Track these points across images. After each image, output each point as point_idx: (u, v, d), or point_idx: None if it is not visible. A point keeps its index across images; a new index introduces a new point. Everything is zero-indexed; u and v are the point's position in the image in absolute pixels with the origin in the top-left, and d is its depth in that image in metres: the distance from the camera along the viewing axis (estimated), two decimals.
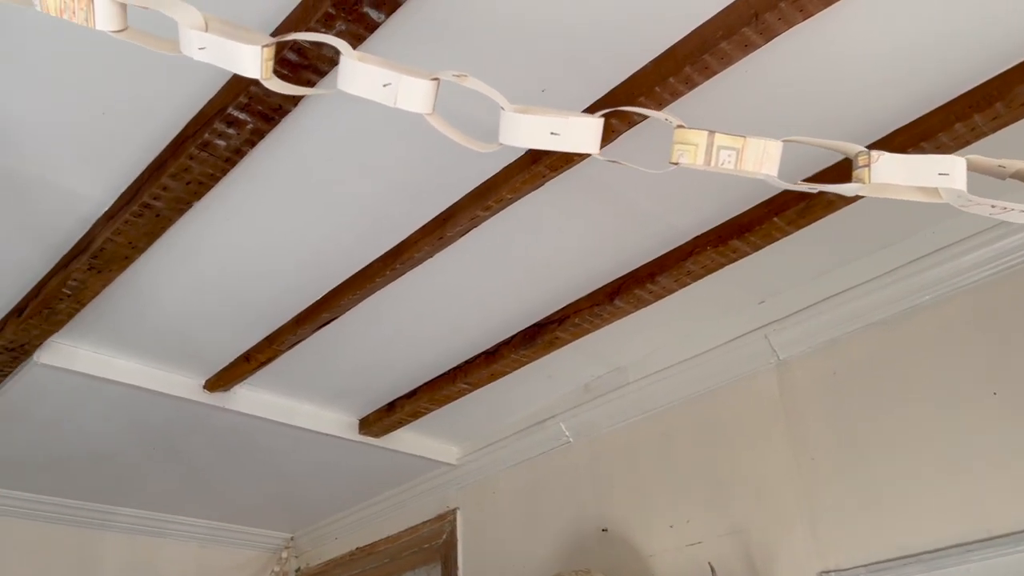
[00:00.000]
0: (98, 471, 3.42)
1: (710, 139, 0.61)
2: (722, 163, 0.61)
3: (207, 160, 1.89)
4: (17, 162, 1.98)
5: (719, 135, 0.61)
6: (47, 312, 2.37)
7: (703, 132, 0.61)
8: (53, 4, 0.69)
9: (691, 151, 0.62)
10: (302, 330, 2.62)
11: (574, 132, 0.61)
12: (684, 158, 0.63)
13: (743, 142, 0.61)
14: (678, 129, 0.61)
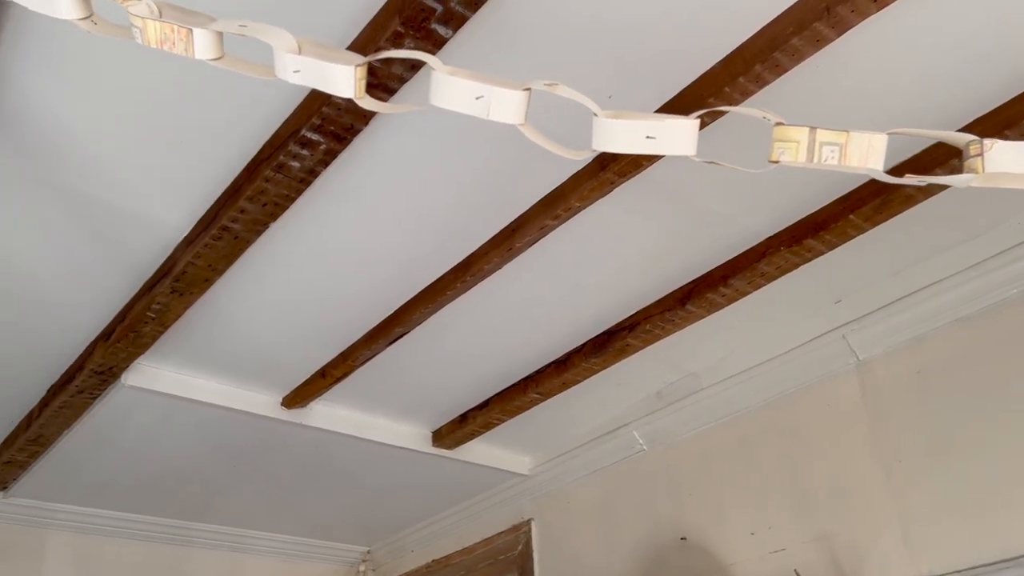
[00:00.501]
0: (183, 489, 3.51)
1: (811, 135, 0.60)
2: (825, 159, 0.60)
3: (282, 182, 1.93)
4: (102, 192, 2.06)
5: (821, 131, 0.59)
6: (133, 335, 2.45)
7: (804, 128, 0.60)
8: (154, 36, 0.72)
9: (792, 148, 0.61)
10: (375, 345, 2.65)
11: (670, 134, 0.60)
12: (785, 156, 0.61)
13: (846, 137, 0.59)
14: (777, 127, 0.60)
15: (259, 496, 3.67)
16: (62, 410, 2.80)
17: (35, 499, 3.41)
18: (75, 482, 3.32)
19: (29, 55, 1.69)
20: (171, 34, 0.72)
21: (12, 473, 3.22)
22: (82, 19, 0.76)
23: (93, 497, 3.47)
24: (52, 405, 2.79)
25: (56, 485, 3.33)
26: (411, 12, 1.54)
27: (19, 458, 3.11)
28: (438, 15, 1.55)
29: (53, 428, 2.92)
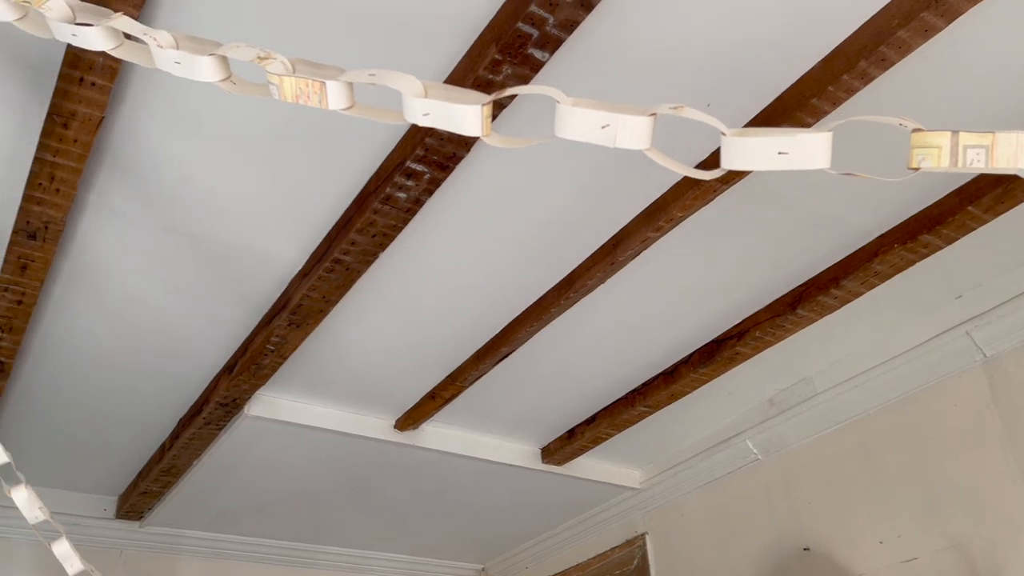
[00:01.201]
0: (304, 512, 3.63)
1: (953, 139, 0.58)
2: (971, 163, 0.58)
3: (389, 213, 1.99)
4: (220, 232, 2.17)
5: (964, 134, 0.58)
6: (254, 368, 2.56)
7: (945, 133, 0.58)
8: (290, 92, 0.77)
9: (934, 154, 0.59)
10: (483, 365, 2.69)
11: (803, 149, 0.60)
12: (926, 162, 0.60)
13: (992, 138, 0.57)
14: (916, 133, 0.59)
15: (376, 517, 3.76)
16: (191, 441, 2.95)
17: (168, 527, 3.59)
18: (205, 509, 3.48)
19: (152, 112, 1.80)
20: (306, 88, 0.76)
21: (147, 503, 3.41)
22: (222, 80, 0.82)
23: (221, 523, 3.62)
24: (182, 437, 2.94)
25: (187, 513, 3.49)
26: (508, 39, 1.57)
27: (153, 488, 3.29)
28: (535, 40, 1.57)
29: (183, 459, 3.08)
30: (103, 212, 2.06)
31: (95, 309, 2.40)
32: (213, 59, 0.80)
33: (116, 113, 1.78)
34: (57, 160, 1.79)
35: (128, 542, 3.51)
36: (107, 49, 0.87)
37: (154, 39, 0.81)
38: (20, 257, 2.04)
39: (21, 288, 2.14)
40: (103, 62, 1.58)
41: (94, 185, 1.97)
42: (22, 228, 1.97)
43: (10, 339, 2.34)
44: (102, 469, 3.29)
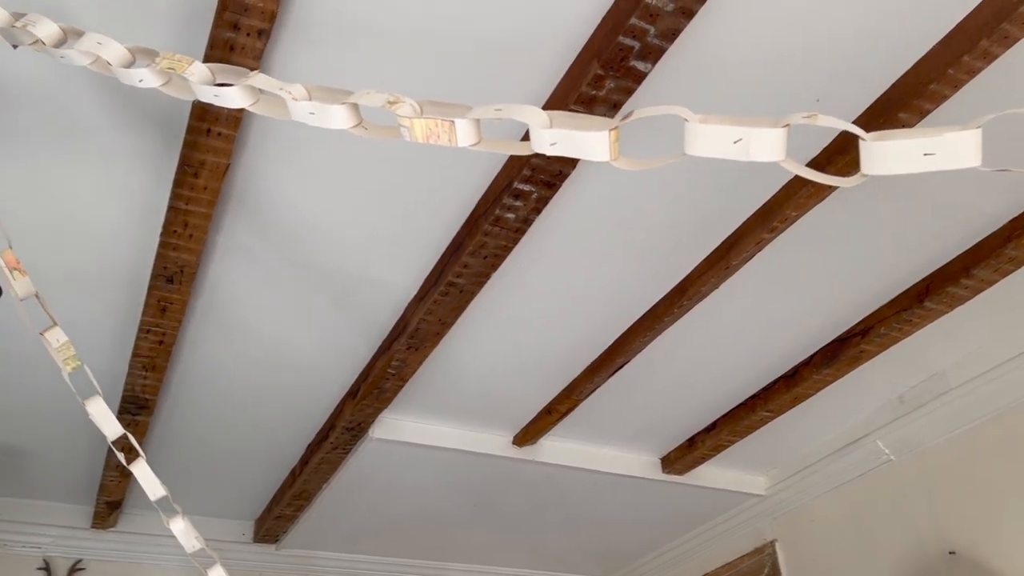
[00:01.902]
0: (429, 530, 3.71)
1: None
2: None
3: (499, 234, 2.02)
4: (339, 263, 2.25)
5: None
6: (377, 392, 2.64)
7: None
8: (420, 133, 0.80)
9: None
10: (598, 378, 2.69)
11: (951, 148, 0.58)
12: None
13: None
14: None
15: (499, 533, 3.79)
16: (320, 466, 3.06)
17: (303, 548, 3.73)
18: (336, 531, 3.59)
19: (271, 154, 1.90)
20: (435, 128, 0.79)
21: (282, 527, 3.55)
22: (354, 127, 0.86)
23: (352, 543, 3.74)
24: (311, 462, 3.05)
25: (319, 535, 3.62)
26: (609, 54, 1.58)
27: (287, 512, 3.43)
28: (636, 52, 1.57)
29: (314, 483, 3.20)
30: (231, 253, 2.17)
31: (227, 345, 2.53)
32: (345, 107, 0.84)
33: (239, 159, 1.88)
34: (189, 207, 1.90)
35: (267, 565, 3.67)
36: (245, 106, 0.92)
37: (289, 93, 0.86)
38: (160, 300, 2.18)
39: (162, 329, 2.28)
40: (228, 113, 1.67)
41: (222, 228, 2.09)
42: (160, 273, 2.10)
43: (153, 377, 2.49)
44: (239, 495, 3.45)
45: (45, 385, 2.35)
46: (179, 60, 0.93)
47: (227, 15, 1.46)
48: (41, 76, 1.69)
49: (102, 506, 3.25)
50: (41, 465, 3.08)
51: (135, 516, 3.42)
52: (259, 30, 1.50)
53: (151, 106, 1.79)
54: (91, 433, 2.89)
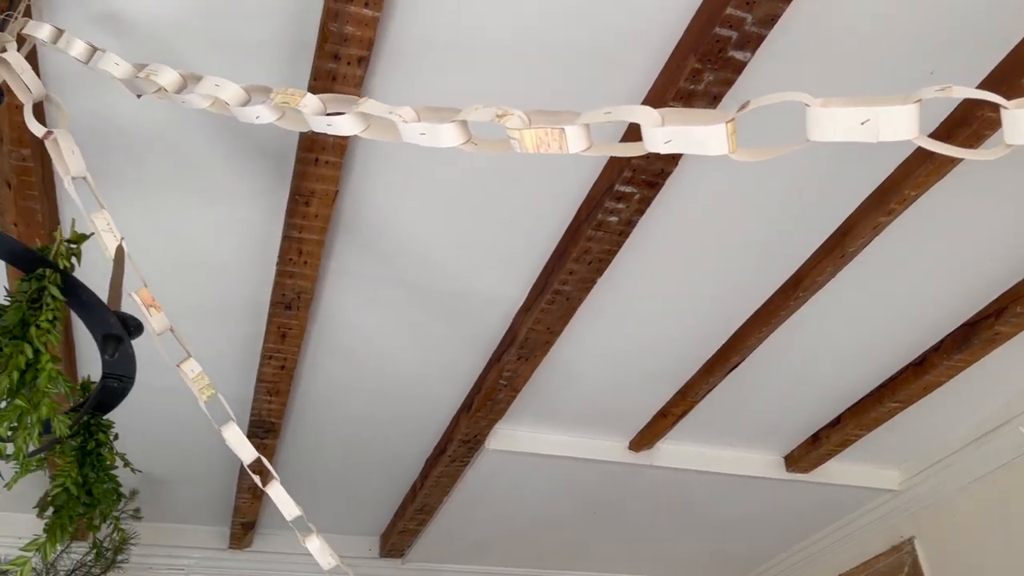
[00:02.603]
0: (549, 539, 3.70)
1: None
2: None
3: (603, 238, 2.01)
4: (445, 279, 2.28)
5: None
6: (490, 404, 2.66)
7: None
8: (531, 143, 0.80)
9: None
10: (713, 378, 2.63)
11: None
12: None
13: None
14: None
15: (621, 540, 3.75)
16: (440, 479, 3.10)
17: (428, 562, 3.79)
18: (458, 543, 3.64)
19: (375, 177, 1.94)
20: (545, 137, 0.79)
21: (407, 541, 3.62)
22: (464, 143, 0.87)
23: (475, 555, 3.77)
24: (431, 476, 3.10)
25: (443, 547, 3.67)
26: (706, 46, 1.55)
27: (410, 527, 3.49)
28: (734, 41, 1.53)
29: (434, 497, 3.24)
30: (343, 276, 2.24)
31: (344, 366, 2.60)
32: (454, 125, 0.85)
33: (346, 185, 1.94)
34: (303, 235, 1.97)
35: None
36: (357, 132, 0.95)
37: (399, 116, 0.88)
38: (280, 327, 2.26)
39: (283, 354, 2.37)
40: (333, 141, 1.73)
41: (334, 253, 2.15)
42: (279, 301, 2.18)
43: (277, 401, 2.58)
44: (364, 511, 3.54)
45: (181, 414, 2.47)
46: (292, 94, 0.97)
47: (328, 46, 1.51)
48: (159, 122, 1.79)
49: (237, 527, 3.39)
50: (179, 490, 3.24)
51: (269, 535, 3.56)
52: (359, 58, 1.54)
53: (260, 142, 1.87)
54: (223, 457, 3.03)
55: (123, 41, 1.57)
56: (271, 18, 1.58)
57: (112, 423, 1.33)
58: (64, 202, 1.97)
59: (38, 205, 1.85)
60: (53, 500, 1.19)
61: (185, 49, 1.60)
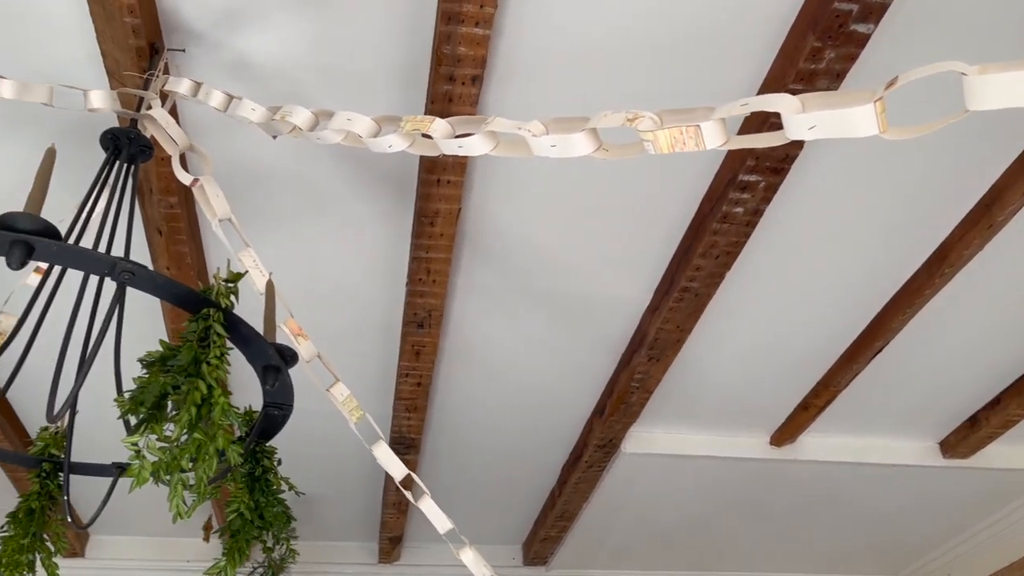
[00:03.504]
0: (694, 541, 3.63)
1: None
2: None
3: (729, 230, 1.97)
4: (569, 286, 2.29)
5: None
6: (623, 407, 2.64)
7: None
8: (665, 143, 0.79)
9: None
10: (855, 365, 2.52)
11: None
12: None
13: None
14: None
15: (768, 537, 3.64)
16: (578, 485, 3.10)
17: (572, 568, 3.78)
18: (602, 548, 3.62)
19: (494, 191, 1.97)
20: (680, 136, 0.78)
21: (549, 548, 3.63)
22: (595, 151, 0.87)
23: (620, 559, 3.75)
24: (569, 483, 3.10)
25: (587, 553, 3.66)
26: (825, 22, 1.49)
27: (552, 534, 3.50)
28: (855, 14, 1.48)
29: (574, 503, 3.25)
30: (470, 292, 2.28)
31: (477, 379, 2.64)
32: (585, 134, 0.85)
33: (467, 202, 1.98)
34: (430, 255, 2.02)
35: None
36: (488, 151, 0.96)
37: (528, 131, 0.89)
38: (414, 345, 2.33)
39: (419, 372, 2.43)
40: (454, 161, 1.76)
41: (460, 269, 2.19)
42: (411, 320, 2.24)
43: (416, 417, 2.65)
44: (505, 521, 3.58)
45: (330, 435, 2.57)
46: (421, 121, 0.99)
47: (443, 68, 1.55)
48: (286, 159, 1.87)
49: (385, 542, 3.50)
50: (329, 509, 3.37)
51: (416, 549, 3.65)
52: (472, 77, 1.57)
53: (381, 168, 1.93)
54: (367, 475, 3.14)
55: (251, 86, 1.66)
56: (383, 49, 1.63)
57: (275, 449, 1.40)
58: (208, 244, 2.10)
59: (186, 249, 1.97)
60: (230, 525, 1.26)
61: (308, 88, 1.68)
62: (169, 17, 1.54)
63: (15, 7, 1.52)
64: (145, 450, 0.96)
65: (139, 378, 1.00)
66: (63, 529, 1.35)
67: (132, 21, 1.43)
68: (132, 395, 0.97)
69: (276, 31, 1.59)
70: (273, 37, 1.60)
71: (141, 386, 0.98)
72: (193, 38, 1.58)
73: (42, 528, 1.29)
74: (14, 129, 1.78)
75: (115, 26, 1.44)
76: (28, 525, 1.27)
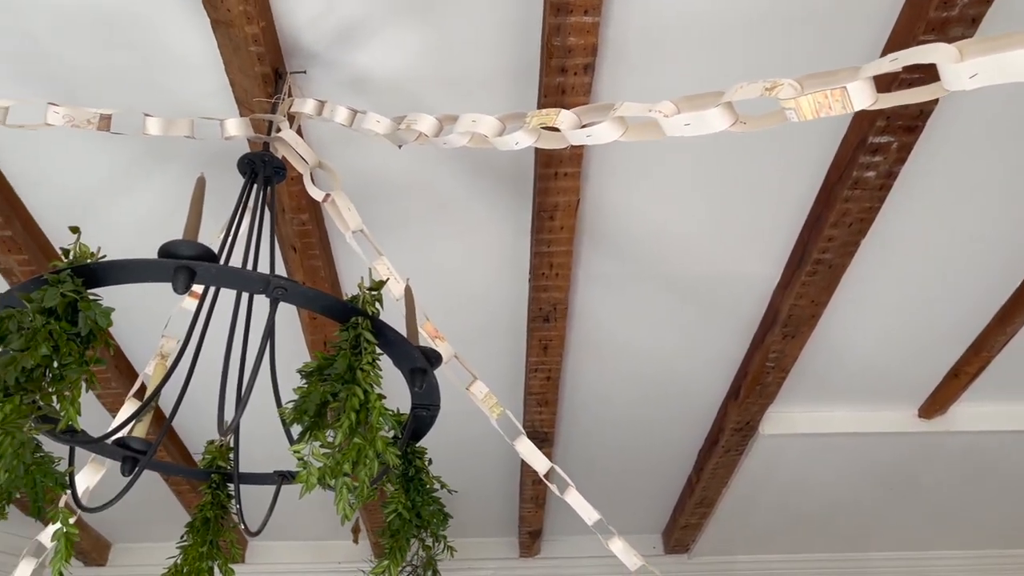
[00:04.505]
0: (842, 521, 3.50)
1: None
2: None
3: (862, 196, 1.88)
4: (693, 267, 2.25)
5: None
6: (759, 388, 2.57)
7: None
8: (809, 109, 0.76)
9: None
10: (1009, 327, 2.37)
11: None
12: None
13: None
14: None
15: (919, 515, 3.46)
16: (716, 471, 3.04)
17: (716, 555, 3.72)
18: (745, 533, 3.54)
19: (613, 178, 1.96)
20: (824, 100, 0.75)
21: (690, 536, 3.58)
22: (732, 125, 0.85)
23: (765, 543, 3.65)
24: (707, 468, 3.05)
25: (730, 539, 3.59)
26: None
27: (692, 521, 3.45)
28: None
29: (713, 489, 3.19)
30: (594, 281, 2.27)
31: (605, 369, 2.63)
32: (720, 109, 0.83)
33: (584, 193, 1.97)
34: (552, 249, 2.02)
35: (683, 575, 3.72)
36: (616, 137, 0.96)
37: (659, 112, 0.88)
38: (541, 340, 2.34)
39: (547, 366, 2.44)
40: (571, 153, 1.76)
41: (581, 261, 2.19)
42: (537, 315, 2.25)
43: (547, 411, 2.67)
44: (642, 510, 3.55)
45: (463, 434, 2.62)
46: (546, 114, 1.00)
47: (554, 61, 1.55)
48: (404, 167, 1.92)
49: (525, 536, 3.53)
50: (469, 505, 3.43)
51: (555, 542, 3.68)
52: (584, 66, 1.57)
53: (497, 167, 1.95)
54: (504, 470, 3.18)
55: (369, 100, 1.71)
56: (491, 50, 1.64)
57: (425, 449, 1.44)
58: (338, 257, 2.18)
59: (319, 263, 2.05)
60: (389, 525, 1.30)
61: (422, 97, 1.71)
62: (289, 42, 1.61)
63: (152, 50, 1.62)
64: (310, 457, 1.00)
65: (299, 388, 1.04)
66: (235, 536, 1.43)
67: (257, 50, 1.50)
68: (296, 404, 1.02)
69: (388, 45, 1.63)
70: (386, 51, 1.64)
71: (303, 395, 1.02)
72: (312, 59, 1.64)
73: (217, 536, 1.38)
74: (156, 163, 1.90)
75: (242, 56, 1.52)
76: (204, 534, 1.36)
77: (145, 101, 1.66)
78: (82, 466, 1.42)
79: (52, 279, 0.97)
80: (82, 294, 0.98)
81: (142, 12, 1.55)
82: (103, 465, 1.53)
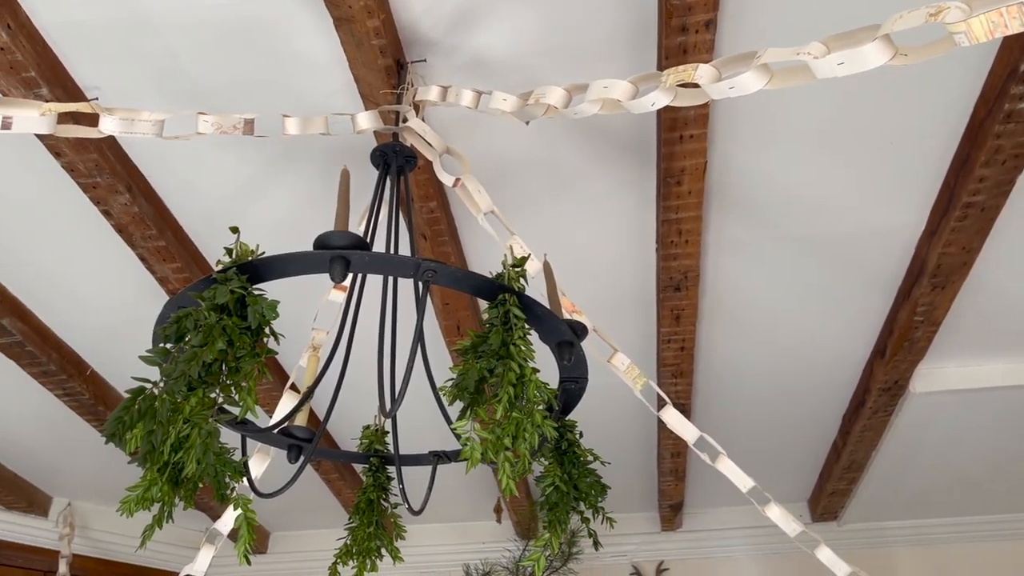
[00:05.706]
0: (1000, 480, 3.30)
1: None
2: None
3: (1016, 131, 1.75)
4: (829, 225, 2.15)
5: None
6: (907, 344, 2.44)
7: None
8: (981, 30, 0.71)
9: None
10: None
11: None
12: None
13: None
14: None
15: None
16: (864, 434, 2.92)
17: (867, 521, 3.58)
18: (898, 497, 3.39)
19: (738, 139, 1.90)
20: (999, 18, 0.70)
21: (839, 502, 3.46)
22: (891, 59, 0.80)
23: (919, 507, 3.49)
24: (853, 432, 2.93)
25: (881, 504, 3.45)
26: None
27: (840, 487, 3.33)
28: None
29: (861, 452, 3.06)
30: (724, 247, 2.21)
31: (741, 336, 2.57)
32: (879, 42, 0.78)
33: (712, 155, 1.92)
34: (680, 215, 1.98)
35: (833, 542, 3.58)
36: (762, 86, 0.92)
37: (808, 53, 0.84)
38: (672, 309, 2.30)
39: (680, 336, 2.40)
40: (695, 114, 1.72)
41: (711, 226, 2.14)
42: (667, 284, 2.22)
43: (683, 382, 2.63)
44: (786, 478, 3.46)
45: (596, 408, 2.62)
46: (684, 70, 0.97)
47: (674, 20, 1.51)
48: (524, 145, 1.92)
49: (666, 510, 3.51)
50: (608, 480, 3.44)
51: (696, 515, 3.63)
52: (705, 22, 1.52)
53: (617, 136, 1.92)
54: (640, 444, 3.16)
55: (490, 82, 1.72)
56: (607, 17, 1.62)
57: (576, 422, 1.44)
58: (466, 242, 2.21)
59: (449, 248, 2.09)
60: (548, 498, 1.32)
61: (543, 72, 1.70)
62: (407, 32, 1.64)
63: (280, 56, 1.68)
64: (472, 433, 1.02)
65: (456, 367, 1.06)
66: (397, 516, 1.48)
67: (379, 43, 1.53)
68: (455, 382, 1.04)
69: (504, 25, 1.63)
70: (502, 31, 1.64)
71: (461, 373, 1.04)
72: (431, 47, 1.66)
73: (381, 516, 1.43)
74: (287, 166, 1.98)
75: (364, 50, 1.55)
76: (370, 515, 1.41)
77: (277, 104, 1.73)
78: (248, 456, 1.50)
79: (220, 278, 1.02)
80: (248, 289, 1.03)
81: (267, 17, 1.61)
82: (268, 455, 1.61)
